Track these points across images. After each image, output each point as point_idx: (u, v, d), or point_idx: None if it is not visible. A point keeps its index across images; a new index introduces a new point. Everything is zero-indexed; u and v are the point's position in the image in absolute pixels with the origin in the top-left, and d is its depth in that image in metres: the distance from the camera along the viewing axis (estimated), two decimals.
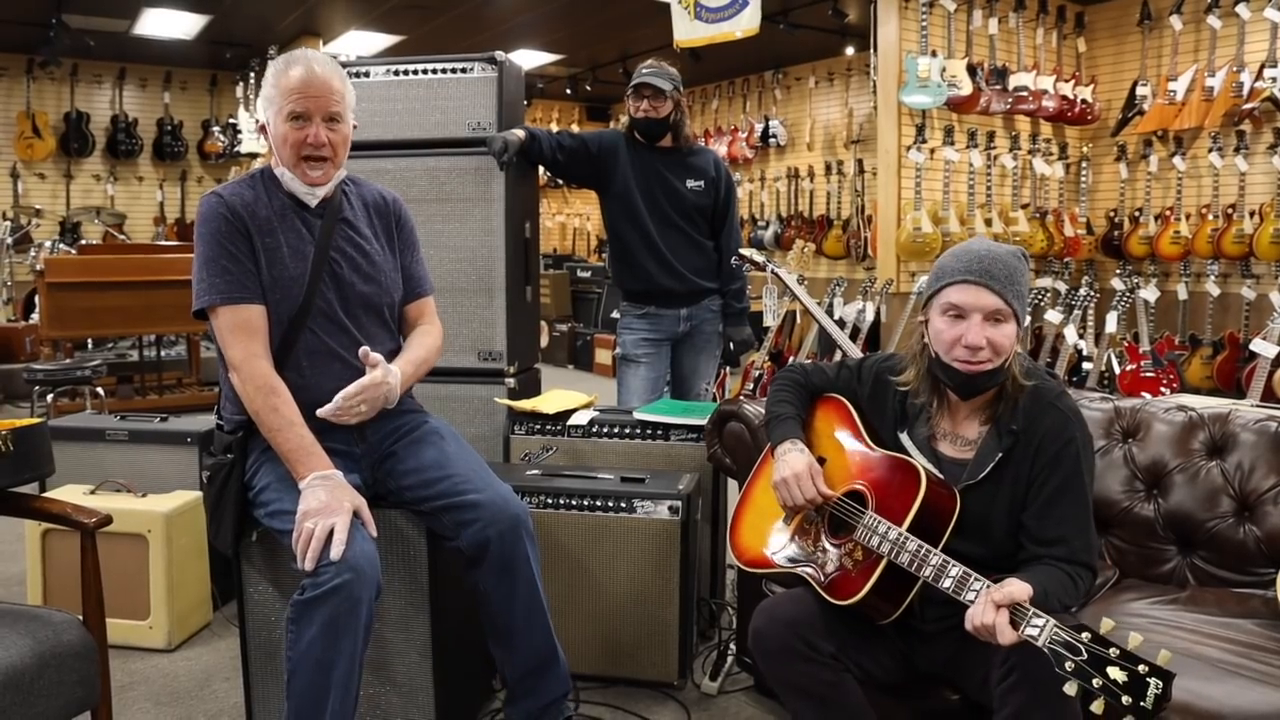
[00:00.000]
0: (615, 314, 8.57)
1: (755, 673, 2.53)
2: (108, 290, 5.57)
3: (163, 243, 8.66)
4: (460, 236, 3.04)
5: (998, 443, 1.72)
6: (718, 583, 2.97)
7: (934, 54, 6.09)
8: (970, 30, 6.29)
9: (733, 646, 2.64)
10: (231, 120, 9.43)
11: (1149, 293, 6.02)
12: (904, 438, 1.82)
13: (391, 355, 2.19)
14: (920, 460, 1.75)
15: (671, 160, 3.37)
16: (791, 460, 1.82)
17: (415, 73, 3.07)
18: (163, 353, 6.49)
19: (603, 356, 8.46)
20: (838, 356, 5.89)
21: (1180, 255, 6.29)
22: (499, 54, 3.05)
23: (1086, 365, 5.87)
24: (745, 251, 3.14)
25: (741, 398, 2.62)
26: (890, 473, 1.73)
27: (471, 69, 3.05)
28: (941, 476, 1.74)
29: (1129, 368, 5.80)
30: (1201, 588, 2.13)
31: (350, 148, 2.14)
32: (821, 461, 1.86)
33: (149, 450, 3.04)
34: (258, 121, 2.10)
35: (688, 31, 5.60)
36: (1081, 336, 5.96)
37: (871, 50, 6.46)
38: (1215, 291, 6.13)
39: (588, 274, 9.11)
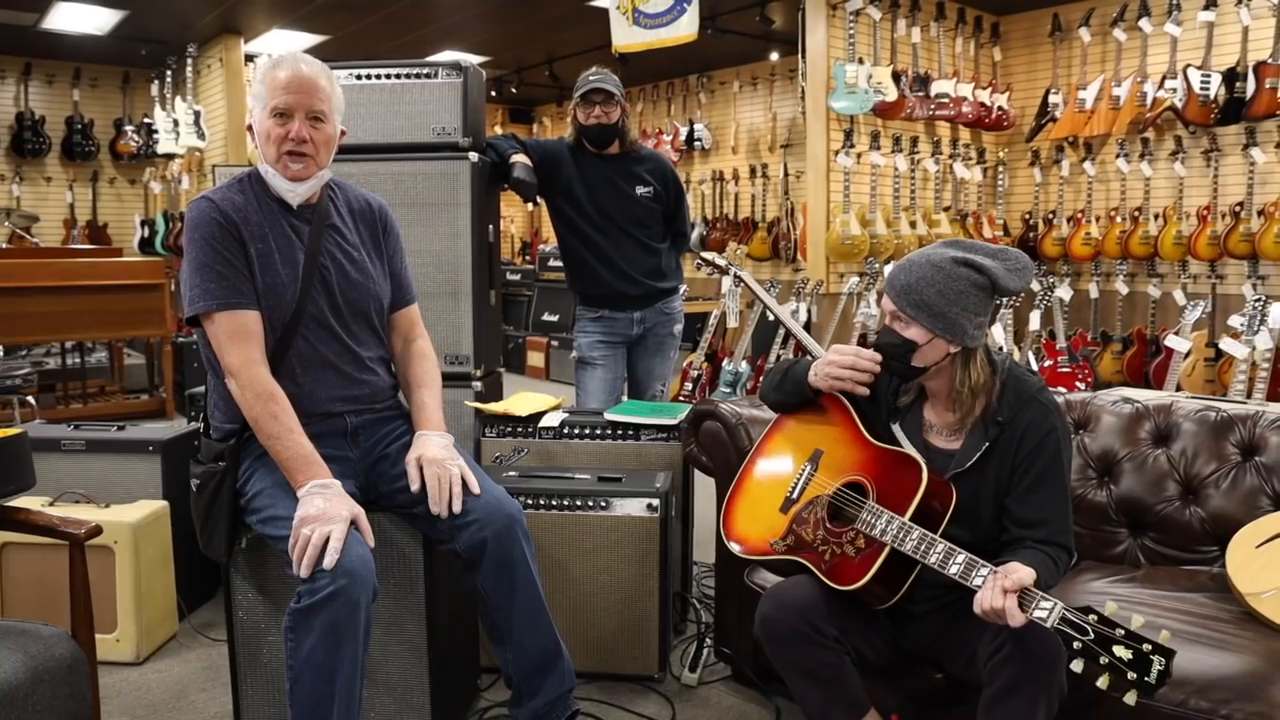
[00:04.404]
0: (547, 316, 8.57)
1: (733, 663, 2.61)
2: (25, 296, 5.37)
3: (78, 246, 8.34)
4: (426, 240, 3.05)
5: (984, 433, 1.84)
6: (687, 577, 3.05)
7: (860, 61, 6.30)
8: (895, 38, 6.52)
9: (709, 638, 2.71)
10: (146, 120, 9.12)
11: (1063, 291, 6.33)
12: (896, 429, 1.93)
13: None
14: (912, 451, 1.86)
15: (619, 167, 3.41)
16: (840, 359, 1.93)
17: (378, 77, 3.07)
18: (84, 360, 6.27)
19: (534, 359, 8.47)
20: (773, 356, 6.04)
21: (1091, 256, 6.64)
22: (464, 59, 3.07)
23: None
24: (707, 255, 3.23)
25: (680, 398, 2.70)
26: (891, 466, 1.83)
27: (436, 74, 3.06)
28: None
29: (1046, 363, 6.09)
30: (1153, 566, 2.29)
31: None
32: (820, 453, 1.95)
33: (106, 460, 2.97)
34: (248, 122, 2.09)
35: (626, 37, 5.66)
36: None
37: (800, 56, 6.63)
38: (1124, 290, 6.49)
39: (517, 276, 9.10)
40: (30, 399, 4.88)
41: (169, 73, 8.69)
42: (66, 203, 9.30)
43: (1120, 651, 1.40)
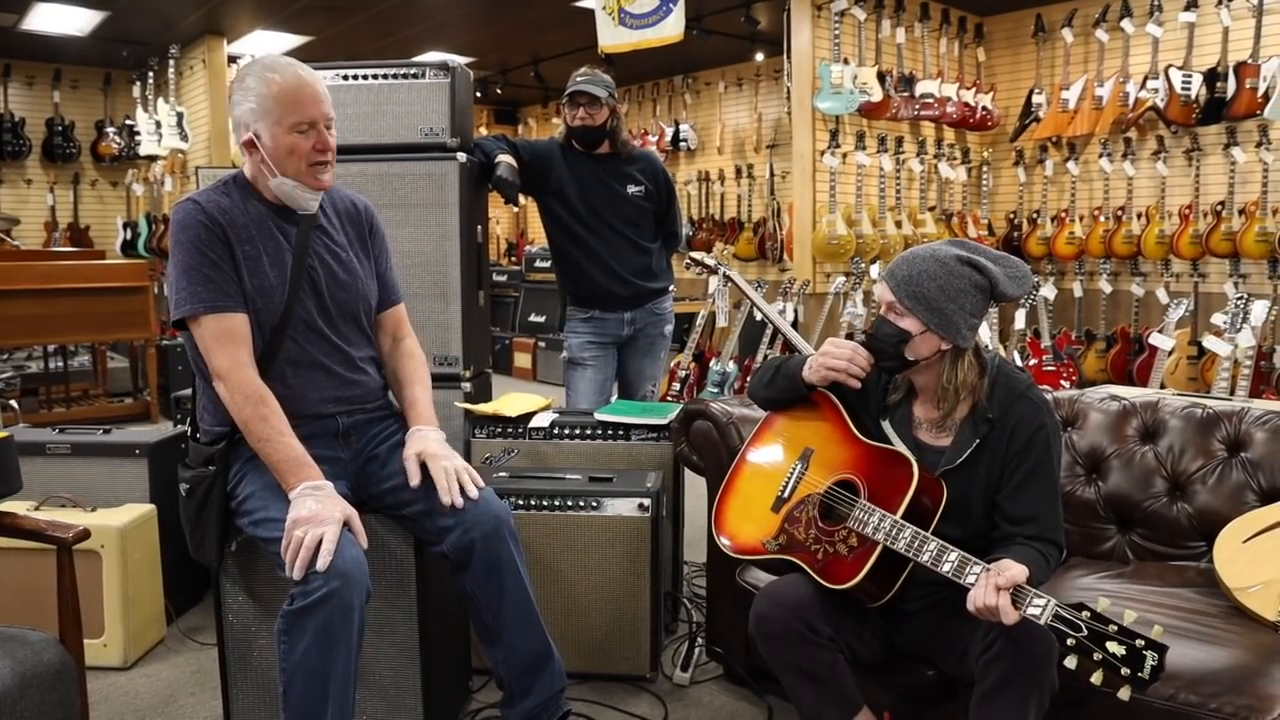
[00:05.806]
0: (534, 317, 8.56)
1: (725, 662, 2.61)
2: (6, 299, 5.31)
3: (60, 249, 8.26)
4: (415, 241, 3.04)
5: (974, 430, 1.85)
6: (678, 576, 3.05)
7: (846, 61, 6.32)
8: (879, 39, 6.54)
9: (701, 637, 2.72)
10: (128, 121, 9.05)
11: (1047, 290, 6.37)
12: (886, 426, 1.94)
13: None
14: (903, 448, 1.87)
15: (611, 167, 3.41)
16: (836, 350, 1.94)
17: (365, 78, 3.06)
18: (67, 364, 6.22)
19: (521, 360, 8.46)
20: (760, 355, 6.05)
21: (1075, 255, 6.68)
22: (451, 60, 3.06)
23: None
24: (696, 255, 3.23)
25: (668, 398, 2.70)
26: (882, 463, 1.84)
27: (423, 74, 3.05)
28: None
29: (1031, 362, 6.13)
30: (1142, 562, 2.31)
31: None
32: (810, 452, 1.96)
33: (92, 464, 2.95)
34: (244, 134, 2.06)
35: (612, 37, 5.66)
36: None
37: (785, 57, 6.64)
38: (1107, 289, 6.53)
39: (504, 278, 9.08)
40: (13, 403, 4.84)
41: (151, 74, 8.63)
42: (47, 205, 9.22)
43: (1114, 648, 1.41)
